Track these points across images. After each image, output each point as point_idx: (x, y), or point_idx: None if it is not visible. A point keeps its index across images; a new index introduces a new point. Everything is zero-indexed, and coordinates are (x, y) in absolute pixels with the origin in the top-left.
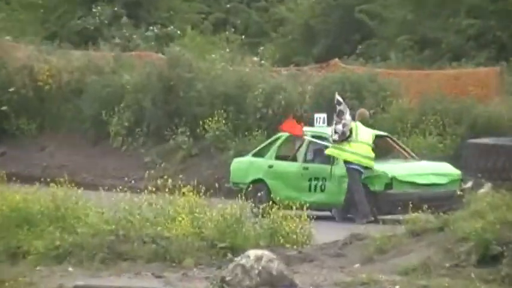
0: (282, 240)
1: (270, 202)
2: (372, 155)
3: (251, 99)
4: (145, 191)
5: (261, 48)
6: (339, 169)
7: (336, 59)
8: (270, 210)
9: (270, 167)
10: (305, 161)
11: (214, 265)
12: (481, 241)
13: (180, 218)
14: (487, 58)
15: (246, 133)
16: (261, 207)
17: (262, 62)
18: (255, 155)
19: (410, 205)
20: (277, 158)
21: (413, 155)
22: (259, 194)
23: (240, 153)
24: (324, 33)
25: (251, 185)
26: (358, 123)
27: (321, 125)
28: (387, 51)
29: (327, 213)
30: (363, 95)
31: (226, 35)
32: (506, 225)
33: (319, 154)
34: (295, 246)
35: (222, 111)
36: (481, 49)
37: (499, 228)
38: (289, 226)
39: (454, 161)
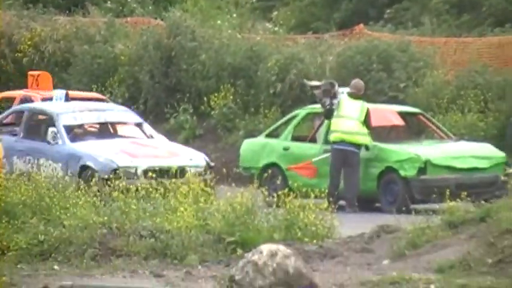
0: (299, 234)
1: (286, 189)
2: (363, 130)
3: (263, 72)
4: (142, 177)
5: (275, 12)
6: (366, 152)
7: (361, 25)
8: (285, 199)
9: (286, 149)
10: (326, 142)
11: (221, 262)
12: None
13: (182, 209)
14: None
15: (258, 111)
16: (275, 195)
17: (276, 28)
18: (268, 135)
19: (447, 193)
20: (294, 139)
21: (451, 135)
22: (273, 180)
23: (251, 134)
24: None
25: (264, 170)
26: (344, 96)
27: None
28: (420, 16)
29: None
30: (392, 66)
31: None
32: None
33: None
34: (314, 241)
35: (230, 85)
36: None
37: None
38: (307, 217)
39: (498, 141)
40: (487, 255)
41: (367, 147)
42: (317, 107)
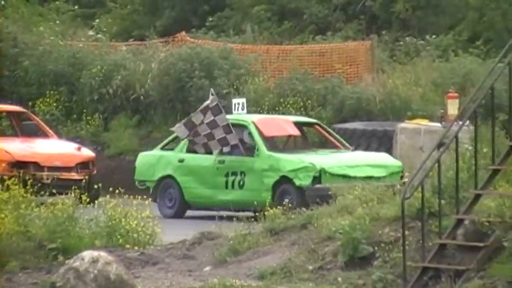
0: (121, 240)
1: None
2: None
3: (86, 79)
4: None
5: (97, 20)
6: (260, 162)
7: (183, 33)
8: (107, 206)
9: (181, 161)
10: (221, 153)
11: (42, 269)
12: (349, 240)
13: (2, 215)
14: (355, 31)
15: (80, 117)
16: (96, 202)
17: (99, 35)
18: (163, 147)
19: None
20: (189, 151)
21: (347, 145)
22: (169, 192)
23: (74, 140)
24: (169, 4)
25: (160, 183)
26: None
27: (239, 111)
28: (242, 24)
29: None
30: (214, 73)
31: (56, 5)
32: (378, 221)
33: (237, 145)
34: (136, 247)
35: (53, 92)
36: (348, 21)
37: (369, 225)
38: (129, 224)
39: None
40: (308, 262)
41: None
42: None
